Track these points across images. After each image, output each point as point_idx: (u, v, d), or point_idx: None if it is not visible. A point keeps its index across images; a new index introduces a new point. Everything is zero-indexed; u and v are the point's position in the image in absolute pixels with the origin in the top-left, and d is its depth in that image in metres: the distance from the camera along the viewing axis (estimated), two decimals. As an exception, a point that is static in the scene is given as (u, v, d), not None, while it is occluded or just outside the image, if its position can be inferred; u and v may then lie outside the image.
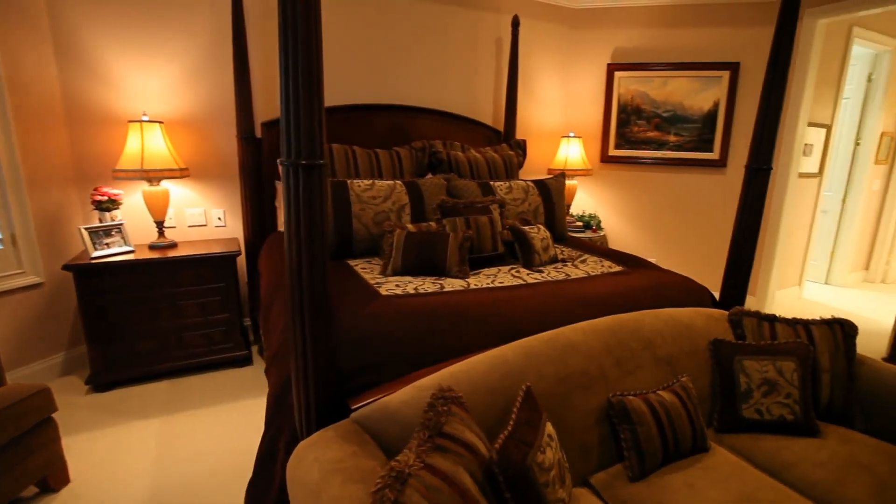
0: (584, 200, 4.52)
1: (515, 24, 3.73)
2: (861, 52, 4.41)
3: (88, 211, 2.88)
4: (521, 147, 3.56)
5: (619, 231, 4.46)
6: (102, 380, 2.63)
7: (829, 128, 4.23)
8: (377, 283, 1.99)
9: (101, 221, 2.75)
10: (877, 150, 4.63)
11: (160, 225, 2.88)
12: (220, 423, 2.37)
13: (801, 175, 4.09)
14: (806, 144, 4.03)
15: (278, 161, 1.12)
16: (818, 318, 1.81)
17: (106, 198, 2.74)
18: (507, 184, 2.93)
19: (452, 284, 2.02)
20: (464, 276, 2.15)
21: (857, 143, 4.65)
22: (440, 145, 3.21)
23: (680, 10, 3.96)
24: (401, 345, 1.57)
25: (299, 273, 1.16)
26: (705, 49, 3.96)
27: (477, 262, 2.36)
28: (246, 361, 2.99)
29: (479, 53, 3.88)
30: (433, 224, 2.41)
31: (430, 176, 3.16)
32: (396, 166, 2.95)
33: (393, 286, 1.97)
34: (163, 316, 2.72)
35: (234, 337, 2.93)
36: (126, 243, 2.75)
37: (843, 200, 4.76)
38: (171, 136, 2.95)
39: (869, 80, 4.58)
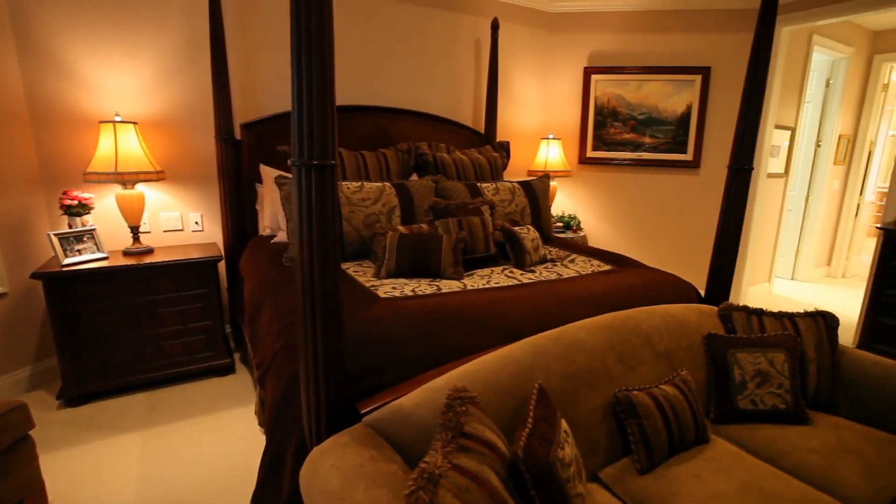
0: (562, 201, 4.58)
1: (495, 27, 3.76)
2: (820, 58, 4.63)
3: (57, 216, 2.74)
4: (504, 149, 3.59)
5: (598, 231, 4.54)
6: (75, 393, 2.50)
7: (793, 130, 4.42)
8: (373, 286, 1.97)
9: (70, 227, 2.62)
10: (835, 152, 4.87)
11: (135, 230, 2.77)
12: (206, 434, 2.29)
13: (770, 175, 4.26)
14: (773, 146, 4.20)
15: (289, 162, 1.10)
16: (802, 311, 1.88)
17: (76, 202, 2.61)
18: (494, 185, 2.94)
19: (449, 286, 2.01)
20: (459, 278, 2.15)
21: (817, 145, 4.88)
22: (426, 147, 3.20)
23: (653, 15, 4.07)
24: (404, 347, 1.55)
25: (311, 275, 1.13)
26: (678, 54, 4.08)
27: (470, 263, 2.36)
28: (228, 370, 2.90)
29: (458, 56, 3.89)
30: (424, 226, 2.40)
31: (415, 177, 3.15)
32: (383, 168, 2.92)
33: (390, 288, 1.94)
34: (140, 325, 2.61)
35: (216, 345, 2.83)
36: (99, 250, 2.63)
37: (806, 199, 4.98)
38: (145, 137, 2.84)
39: (827, 85, 4.81)
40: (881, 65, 4.94)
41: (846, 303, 4.47)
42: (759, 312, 1.88)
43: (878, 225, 2.91)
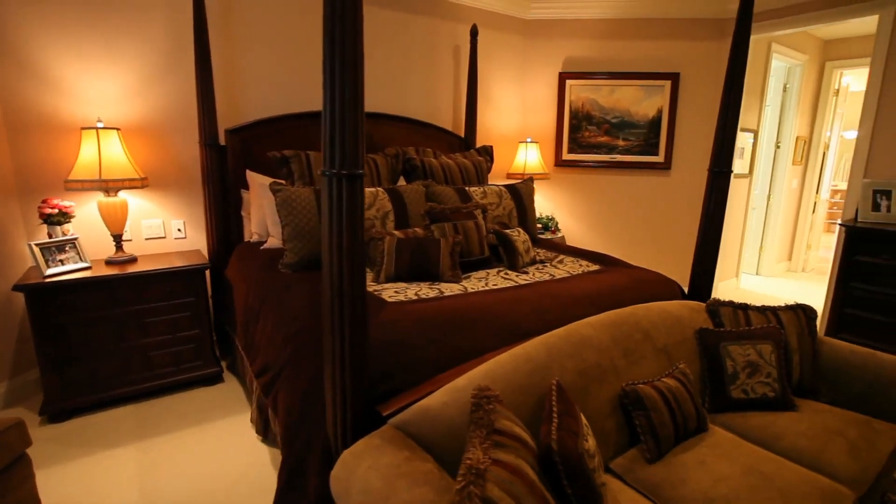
0: (540, 203, 4.68)
1: (474, 33, 3.83)
2: (778, 65, 4.90)
3: (34, 226, 2.64)
4: (488, 153, 3.65)
5: (575, 231, 4.66)
6: (59, 408, 2.42)
7: (756, 132, 4.66)
8: (376, 291, 1.99)
9: (50, 236, 2.53)
10: (793, 153, 5.15)
11: (118, 238, 2.70)
12: (203, 445, 2.25)
13: (736, 176, 4.47)
14: (738, 148, 4.42)
15: (320, 171, 1.12)
16: (783, 304, 2.01)
17: (56, 210, 2.53)
18: (482, 189, 3.00)
19: (450, 289, 2.05)
20: (458, 280, 2.19)
21: (777, 146, 5.15)
22: (413, 151, 3.23)
23: (625, 23, 4.22)
24: (416, 350, 1.58)
25: (340, 282, 1.16)
26: (648, 60, 4.25)
27: (466, 265, 2.40)
28: (217, 379, 2.85)
29: (438, 61, 3.94)
30: (419, 230, 2.43)
31: (402, 182, 3.18)
32: (374, 173, 2.94)
33: (393, 292, 1.97)
34: (126, 335, 2.54)
35: (204, 354, 2.78)
36: (82, 259, 2.55)
37: (768, 198, 5.25)
38: (127, 143, 2.77)
39: (784, 89, 5.09)
40: (832, 71, 5.26)
41: (808, 295, 4.73)
42: (745, 307, 2.00)
43: (840, 222, 3.11)
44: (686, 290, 2.54)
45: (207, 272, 3.01)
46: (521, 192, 3.13)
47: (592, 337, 1.58)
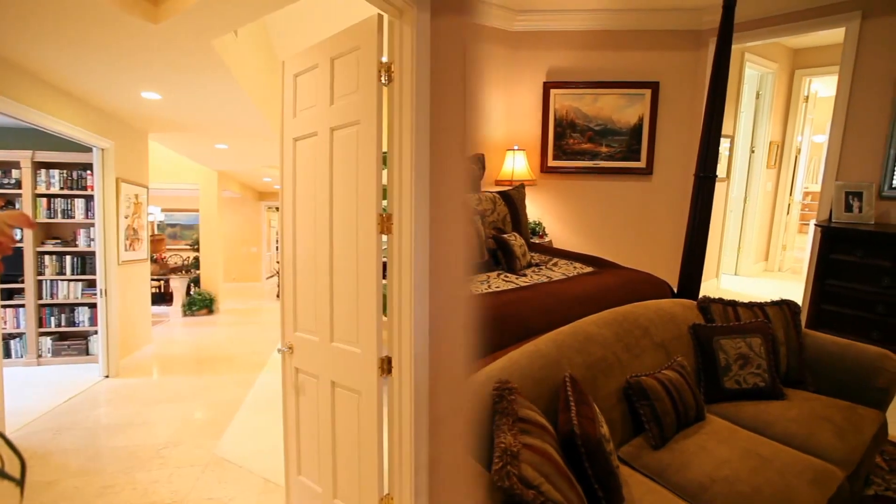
0: (527, 209, 4.79)
1: (463, 44, 3.92)
2: (751, 73, 5.12)
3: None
4: (480, 161, 3.74)
5: (561, 235, 4.78)
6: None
7: (732, 138, 4.86)
8: (385, 294, 2.05)
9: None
10: (767, 157, 5.38)
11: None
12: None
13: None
14: (716, 153, 4.60)
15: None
16: (769, 300, 2.13)
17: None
18: (477, 196, 3.09)
19: (456, 291, 2.12)
20: (461, 283, 2.26)
21: (752, 151, 5.37)
22: (408, 160, 3.30)
23: (606, 35, 4.38)
24: (431, 349, 1.65)
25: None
26: (629, 70, 4.41)
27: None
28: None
29: (428, 71, 4.02)
30: (420, 235, 2.50)
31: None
32: (371, 181, 2.99)
33: (401, 296, 2.03)
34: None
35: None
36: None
37: (744, 201, 5.46)
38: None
39: (757, 96, 5.32)
40: (802, 78, 5.51)
41: (786, 294, 4.87)
42: (734, 303, 2.11)
43: (815, 222, 3.28)
44: (675, 289, 2.66)
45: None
46: (514, 199, 3.23)
47: (597, 334, 1.67)
